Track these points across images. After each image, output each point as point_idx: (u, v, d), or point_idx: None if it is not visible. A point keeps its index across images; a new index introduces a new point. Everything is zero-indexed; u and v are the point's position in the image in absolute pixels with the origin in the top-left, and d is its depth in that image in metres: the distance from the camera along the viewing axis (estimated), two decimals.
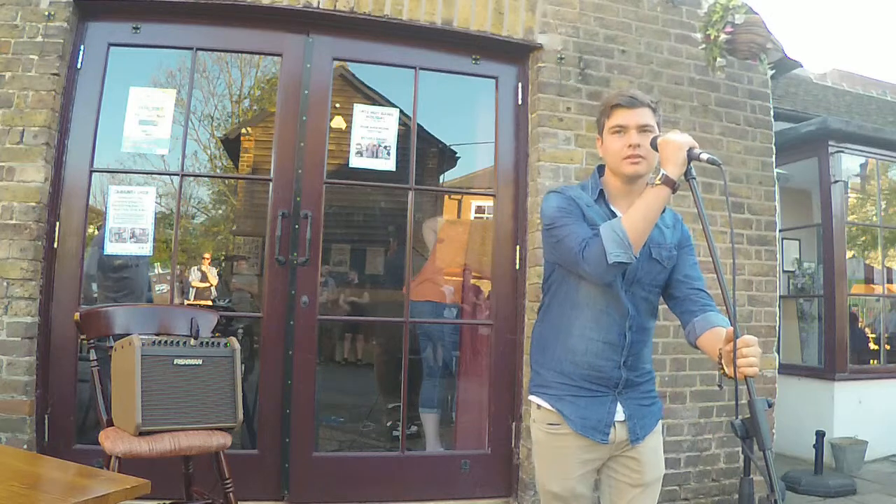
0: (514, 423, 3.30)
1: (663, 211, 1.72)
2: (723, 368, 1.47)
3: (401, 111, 3.46)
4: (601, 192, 1.76)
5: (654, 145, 1.66)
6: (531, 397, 1.81)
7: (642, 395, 1.76)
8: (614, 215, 1.72)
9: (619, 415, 1.71)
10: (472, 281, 4.17)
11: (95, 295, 3.95)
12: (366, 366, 7.63)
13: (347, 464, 3.24)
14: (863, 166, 5.86)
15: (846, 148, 5.04)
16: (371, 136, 3.32)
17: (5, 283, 2.72)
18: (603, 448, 1.72)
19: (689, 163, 1.58)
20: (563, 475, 1.73)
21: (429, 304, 4.07)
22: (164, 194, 4.73)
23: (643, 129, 1.69)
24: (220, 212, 11.34)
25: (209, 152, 10.61)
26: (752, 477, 1.41)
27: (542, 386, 1.78)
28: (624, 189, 1.75)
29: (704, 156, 1.56)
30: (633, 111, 1.70)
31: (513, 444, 3.30)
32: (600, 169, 1.83)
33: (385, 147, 3.33)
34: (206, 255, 9.00)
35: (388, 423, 4.56)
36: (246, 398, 2.72)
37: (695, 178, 1.59)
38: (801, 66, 4.81)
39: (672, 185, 1.58)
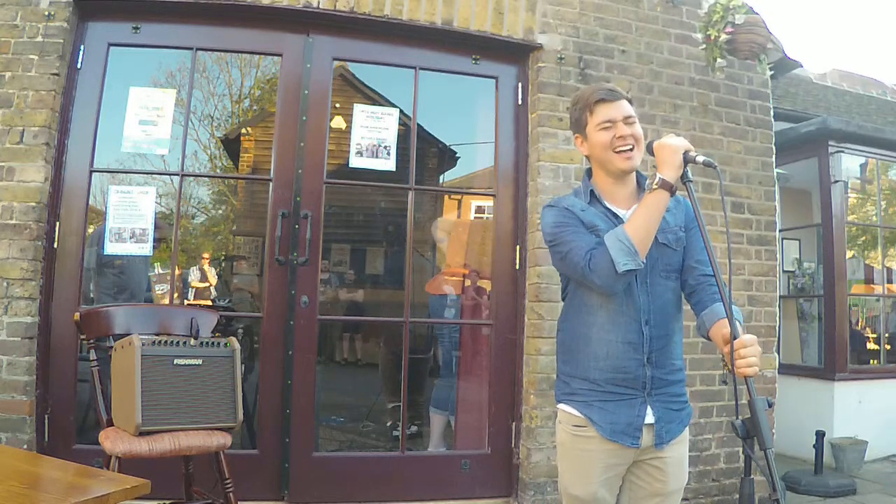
0: (514, 423, 3.30)
1: None
2: (726, 365, 1.47)
3: (401, 111, 3.46)
4: (592, 193, 1.77)
5: (649, 149, 1.67)
6: (559, 405, 1.79)
7: (672, 398, 1.72)
8: (610, 211, 1.74)
9: (649, 417, 1.68)
10: (480, 282, 4.20)
11: (92, 296, 3.95)
12: (366, 366, 7.63)
13: (347, 464, 3.25)
14: (863, 166, 5.86)
15: (846, 148, 5.04)
16: (371, 136, 3.32)
17: (5, 283, 2.72)
18: (628, 453, 1.69)
19: (685, 166, 1.59)
20: (586, 479, 1.70)
21: (445, 297, 4.16)
22: (164, 194, 4.73)
23: (628, 120, 1.70)
24: (220, 212, 11.33)
25: (209, 152, 10.61)
26: (753, 477, 1.41)
27: (570, 394, 1.75)
28: (614, 185, 1.76)
29: (700, 158, 1.57)
30: (616, 104, 1.71)
31: (513, 444, 3.30)
32: (588, 172, 1.84)
33: (385, 147, 3.33)
34: (206, 255, 9.00)
35: (388, 423, 4.56)
36: (246, 398, 2.72)
37: (691, 182, 1.60)
38: (801, 66, 4.82)
39: (670, 188, 1.59)
